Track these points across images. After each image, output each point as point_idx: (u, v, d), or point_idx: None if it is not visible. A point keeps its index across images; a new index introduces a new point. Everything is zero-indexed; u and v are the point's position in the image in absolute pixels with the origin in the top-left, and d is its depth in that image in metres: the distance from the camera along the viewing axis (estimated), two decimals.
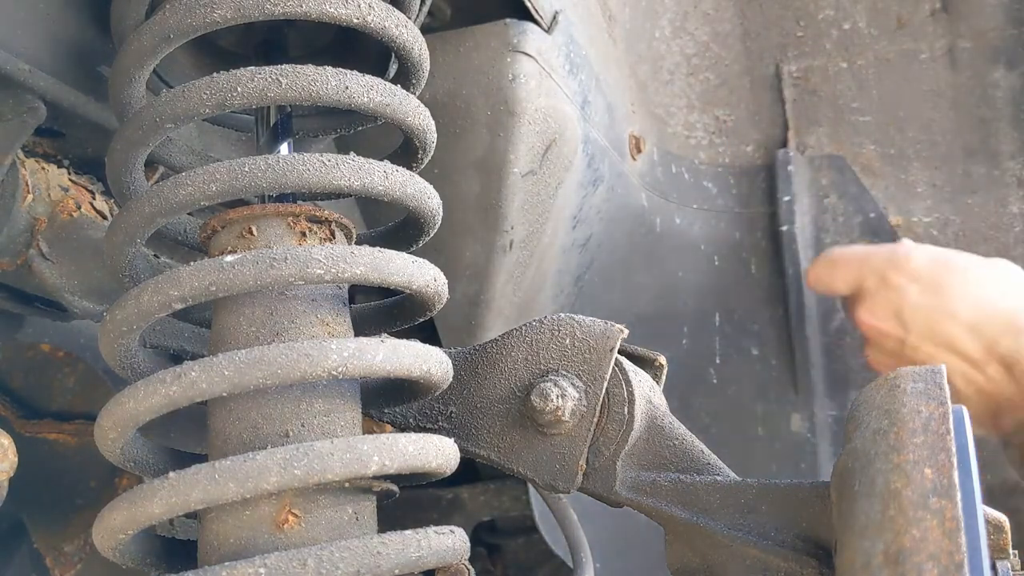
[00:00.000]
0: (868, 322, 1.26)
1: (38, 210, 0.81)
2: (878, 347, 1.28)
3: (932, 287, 1.21)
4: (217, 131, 0.85)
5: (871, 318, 1.26)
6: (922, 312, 1.21)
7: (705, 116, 1.56)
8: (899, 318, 1.23)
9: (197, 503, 0.56)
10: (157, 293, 0.60)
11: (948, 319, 1.19)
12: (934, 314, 1.20)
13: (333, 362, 0.58)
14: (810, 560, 0.63)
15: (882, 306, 1.25)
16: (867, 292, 1.27)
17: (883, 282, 1.25)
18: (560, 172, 1.13)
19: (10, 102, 0.73)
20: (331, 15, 0.62)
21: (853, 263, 1.29)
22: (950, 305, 1.19)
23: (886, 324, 1.24)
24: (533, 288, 1.24)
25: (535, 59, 1.03)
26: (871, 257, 1.28)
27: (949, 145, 1.49)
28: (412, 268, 0.64)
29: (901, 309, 1.22)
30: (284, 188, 0.62)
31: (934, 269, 1.23)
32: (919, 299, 1.21)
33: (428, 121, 0.70)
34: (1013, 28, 1.45)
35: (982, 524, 0.52)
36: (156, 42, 0.63)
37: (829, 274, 1.31)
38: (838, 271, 1.31)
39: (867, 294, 1.27)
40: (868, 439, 0.56)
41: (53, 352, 1.06)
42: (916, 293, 1.21)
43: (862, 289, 1.28)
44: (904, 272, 1.23)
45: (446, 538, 0.62)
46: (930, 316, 1.20)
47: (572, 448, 0.72)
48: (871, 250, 1.30)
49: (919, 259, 1.24)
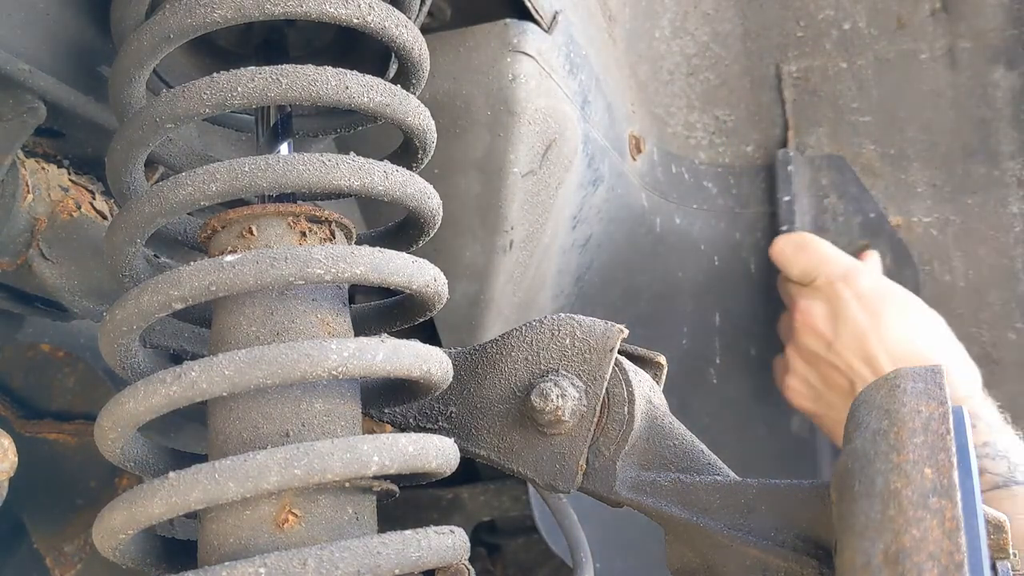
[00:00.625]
0: (803, 316, 1.38)
1: (38, 210, 0.81)
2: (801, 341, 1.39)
3: (871, 309, 1.34)
4: (217, 131, 0.85)
5: (808, 313, 1.38)
6: (855, 326, 1.34)
7: (705, 116, 1.56)
8: (833, 323, 1.35)
9: (197, 503, 0.56)
10: (157, 293, 0.59)
11: (875, 339, 1.32)
12: (866, 332, 1.33)
13: (333, 362, 0.58)
14: (810, 560, 0.63)
15: (823, 307, 1.37)
16: (814, 290, 1.39)
17: (831, 287, 1.37)
18: (560, 172, 1.13)
19: (10, 102, 0.73)
20: (331, 15, 0.62)
21: (816, 258, 1.40)
22: (881, 328, 1.33)
23: (821, 324, 1.36)
24: (533, 288, 1.24)
25: (535, 59, 1.03)
26: (831, 261, 1.39)
27: (949, 145, 1.49)
28: (412, 268, 0.64)
29: (838, 317, 1.35)
30: (284, 188, 0.62)
31: (878, 295, 1.36)
32: (856, 314, 1.34)
33: (428, 121, 0.70)
34: (1013, 28, 1.45)
35: (982, 524, 0.52)
36: (156, 42, 0.63)
37: (792, 255, 1.42)
38: (800, 256, 1.41)
39: (813, 290, 1.39)
40: (868, 439, 0.56)
41: (53, 352, 1.06)
42: (856, 308, 1.34)
43: (813, 283, 1.39)
44: (852, 287, 1.35)
45: (446, 538, 0.62)
46: (862, 332, 1.33)
47: (572, 448, 0.72)
48: (835, 255, 1.41)
49: (868, 282, 1.37)
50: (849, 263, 1.40)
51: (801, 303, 1.39)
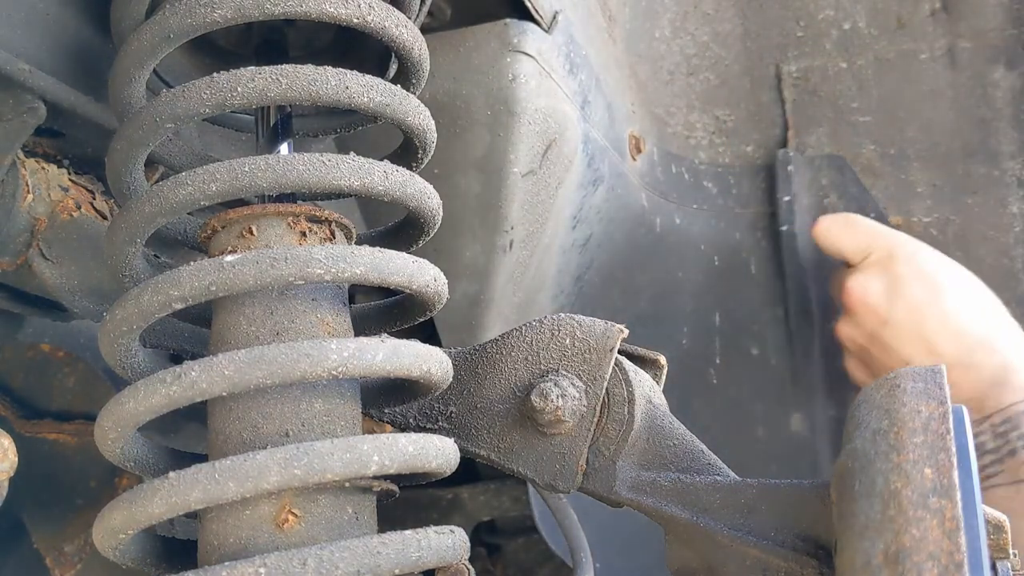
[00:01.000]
0: (859, 292, 1.30)
1: (38, 210, 0.81)
2: (855, 321, 1.32)
3: (931, 286, 1.26)
4: (217, 131, 0.85)
5: (863, 290, 1.29)
6: (914, 306, 1.25)
7: (705, 116, 1.56)
8: (890, 301, 1.27)
9: (197, 503, 0.56)
10: (157, 293, 0.60)
11: (937, 320, 1.24)
12: (926, 310, 1.25)
13: (333, 362, 0.58)
14: (810, 560, 0.63)
15: (879, 283, 1.29)
16: (869, 265, 1.31)
17: (889, 262, 1.29)
18: (560, 172, 1.13)
19: (10, 102, 0.73)
20: (331, 15, 0.62)
21: (870, 233, 1.33)
22: (943, 308, 1.25)
23: (876, 301, 1.28)
24: (533, 288, 1.24)
25: (535, 59, 1.03)
26: (887, 236, 1.32)
27: (949, 145, 1.49)
28: (412, 268, 0.64)
29: (895, 294, 1.27)
30: (284, 188, 0.62)
31: (938, 271, 1.28)
32: (916, 292, 1.26)
33: (428, 121, 0.70)
34: (1013, 28, 1.45)
35: (982, 524, 0.52)
36: (156, 42, 0.63)
37: (842, 232, 1.35)
38: (851, 232, 1.34)
39: (868, 266, 1.31)
40: (868, 439, 0.56)
41: (53, 352, 1.06)
42: (916, 286, 1.26)
43: (866, 260, 1.31)
44: (910, 263, 1.28)
45: (446, 538, 0.62)
46: (920, 311, 1.25)
47: (572, 448, 0.72)
48: (888, 230, 1.34)
49: (928, 258, 1.29)
50: (905, 238, 1.33)
51: (853, 279, 1.31)
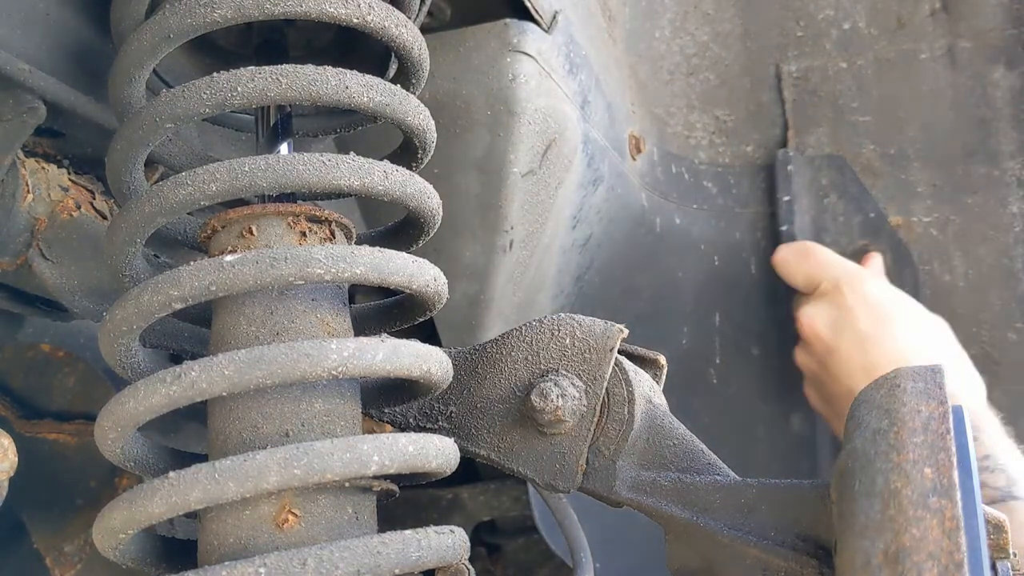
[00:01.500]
0: (807, 322, 1.37)
1: (38, 210, 0.81)
2: (807, 347, 1.38)
3: (877, 318, 1.32)
4: (217, 131, 0.85)
5: (811, 320, 1.36)
6: (858, 334, 1.31)
7: (705, 116, 1.56)
8: (836, 330, 1.33)
9: (197, 503, 0.56)
10: (157, 293, 0.59)
11: (878, 348, 1.30)
12: (868, 340, 1.30)
13: (333, 362, 0.58)
14: (810, 560, 0.63)
15: (826, 313, 1.35)
16: (820, 295, 1.37)
17: (836, 293, 1.35)
18: (560, 172, 1.13)
19: (10, 102, 0.73)
20: (331, 15, 0.62)
21: (821, 264, 1.40)
22: (886, 338, 1.30)
23: (823, 331, 1.34)
24: (533, 288, 1.24)
25: (535, 59, 1.03)
26: (836, 267, 1.39)
27: (949, 145, 1.49)
28: (412, 268, 0.64)
29: (841, 324, 1.33)
30: (284, 188, 0.62)
31: (884, 302, 1.34)
32: (861, 323, 1.32)
33: (428, 121, 0.70)
34: (1013, 28, 1.45)
35: (982, 524, 0.52)
36: (156, 42, 0.63)
37: (796, 263, 1.42)
38: (805, 264, 1.41)
39: (818, 297, 1.38)
40: (868, 439, 0.56)
41: (53, 352, 1.06)
42: (861, 316, 1.32)
43: (816, 291, 1.38)
44: (857, 293, 1.34)
45: (446, 538, 0.62)
46: (864, 342, 1.31)
47: (572, 448, 0.72)
48: (839, 261, 1.40)
49: (873, 288, 1.35)
50: (853, 269, 1.39)
51: (804, 309, 1.38)
